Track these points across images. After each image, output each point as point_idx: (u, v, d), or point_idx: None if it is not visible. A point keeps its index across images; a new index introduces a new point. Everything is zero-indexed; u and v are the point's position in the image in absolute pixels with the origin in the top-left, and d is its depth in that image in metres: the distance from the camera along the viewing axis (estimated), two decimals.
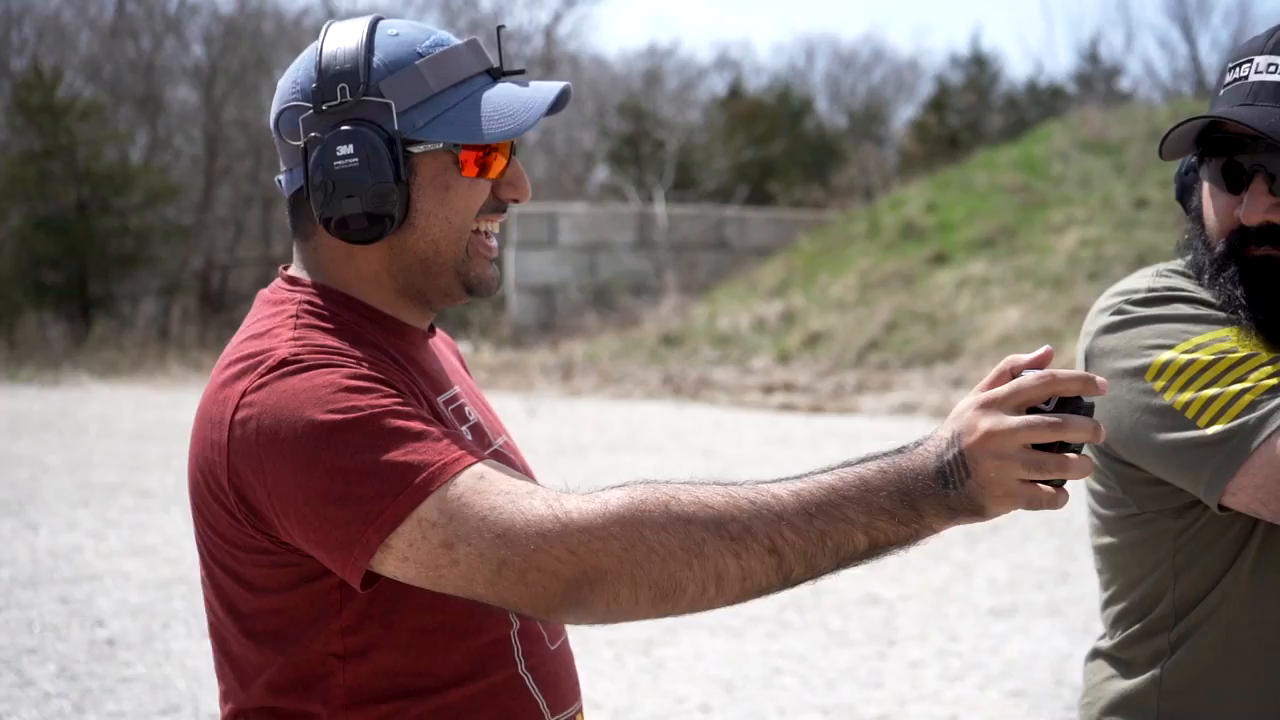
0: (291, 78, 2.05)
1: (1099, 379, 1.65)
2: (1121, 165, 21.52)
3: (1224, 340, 2.01)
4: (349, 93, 1.98)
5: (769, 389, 18.68)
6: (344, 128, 1.98)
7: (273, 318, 2.01)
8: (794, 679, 7.04)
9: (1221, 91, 2.08)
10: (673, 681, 7.02)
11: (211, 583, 2.00)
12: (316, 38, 2.04)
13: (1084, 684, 2.25)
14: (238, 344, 2.00)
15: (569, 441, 15.15)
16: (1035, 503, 1.72)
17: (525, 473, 2.11)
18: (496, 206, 2.07)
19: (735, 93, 42.89)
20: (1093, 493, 2.17)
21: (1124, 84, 41.74)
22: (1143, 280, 2.13)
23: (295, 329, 1.97)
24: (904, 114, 46.87)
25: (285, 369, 1.89)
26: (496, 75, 2.06)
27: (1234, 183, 2.04)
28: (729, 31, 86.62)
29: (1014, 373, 1.72)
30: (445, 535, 1.81)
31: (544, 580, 1.78)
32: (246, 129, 32.88)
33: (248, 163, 33.22)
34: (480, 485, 1.83)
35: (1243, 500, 1.96)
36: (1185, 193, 2.16)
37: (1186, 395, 1.99)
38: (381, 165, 1.97)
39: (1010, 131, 31.04)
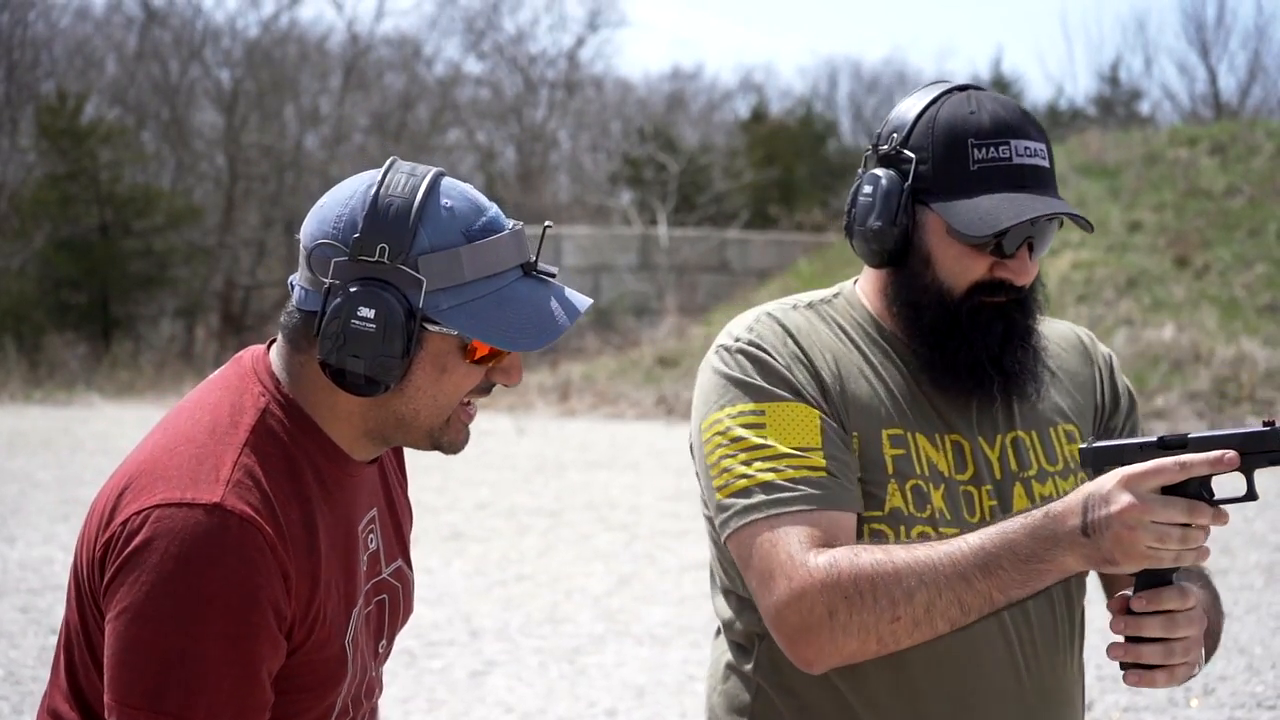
0: (336, 210, 2.05)
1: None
2: (1117, 189, 21.70)
3: (758, 416, 2.33)
4: (387, 255, 2.00)
5: None
6: (371, 288, 1.99)
7: (230, 418, 2.07)
8: (705, 685, 7.29)
9: (976, 167, 2.35)
10: (589, 687, 7.28)
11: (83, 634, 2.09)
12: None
13: (710, 656, 2.61)
14: (189, 420, 2.07)
15: (551, 459, 15.44)
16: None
17: (404, 601, 2.29)
18: (485, 387, 2.12)
19: (758, 115, 43.08)
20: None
21: (1143, 107, 41.85)
22: (743, 324, 2.44)
23: (239, 458, 2.01)
24: None
25: (206, 523, 1.95)
26: (528, 270, 2.09)
27: (994, 246, 2.36)
28: (752, 55, 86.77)
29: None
30: None
31: None
32: (268, 152, 33.31)
33: (270, 185, 33.59)
34: None
35: (732, 557, 2.36)
36: (895, 241, 2.41)
37: (714, 457, 2.34)
38: (395, 337, 1.99)
39: None
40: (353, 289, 2.00)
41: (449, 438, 2.12)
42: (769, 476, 2.30)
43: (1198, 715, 6.75)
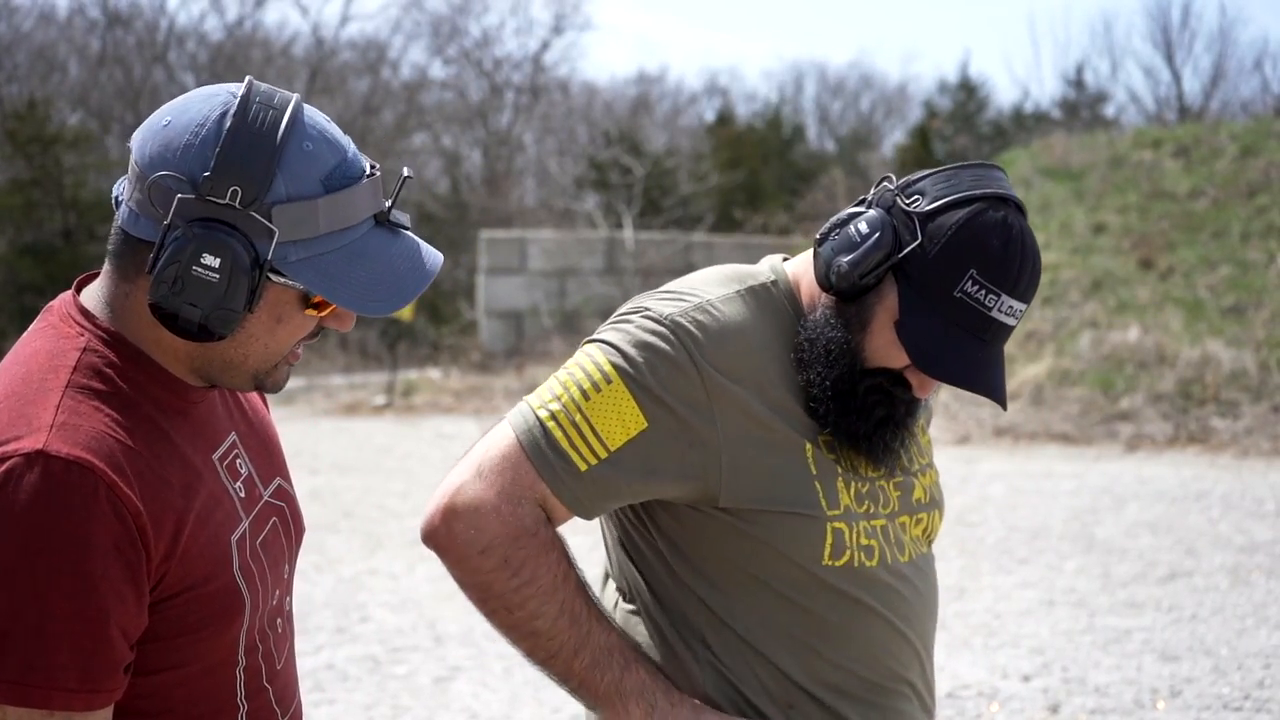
0: (184, 136, 1.88)
1: None
2: (1081, 191, 21.75)
3: (604, 384, 2.37)
4: (239, 199, 1.85)
5: None
6: (217, 234, 1.84)
7: (48, 363, 1.92)
8: None
9: (959, 294, 2.31)
10: (553, 693, 7.22)
11: None
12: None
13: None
14: (5, 378, 1.91)
15: None
16: None
17: (294, 519, 2.18)
18: (315, 333, 2.01)
19: (724, 119, 43.09)
20: None
21: (1108, 110, 42.02)
22: (679, 306, 2.40)
23: (61, 401, 1.86)
24: (894, 140, 47.19)
25: (26, 474, 1.79)
26: (380, 220, 1.96)
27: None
28: (718, 58, 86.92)
29: None
30: None
31: None
32: None
33: None
34: None
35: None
36: (852, 288, 2.39)
37: (555, 378, 2.45)
38: (239, 289, 1.86)
39: (992, 157, 31.29)
40: (196, 231, 1.84)
41: (273, 379, 2.01)
42: (557, 432, 2.36)
43: (1164, 718, 6.74)
